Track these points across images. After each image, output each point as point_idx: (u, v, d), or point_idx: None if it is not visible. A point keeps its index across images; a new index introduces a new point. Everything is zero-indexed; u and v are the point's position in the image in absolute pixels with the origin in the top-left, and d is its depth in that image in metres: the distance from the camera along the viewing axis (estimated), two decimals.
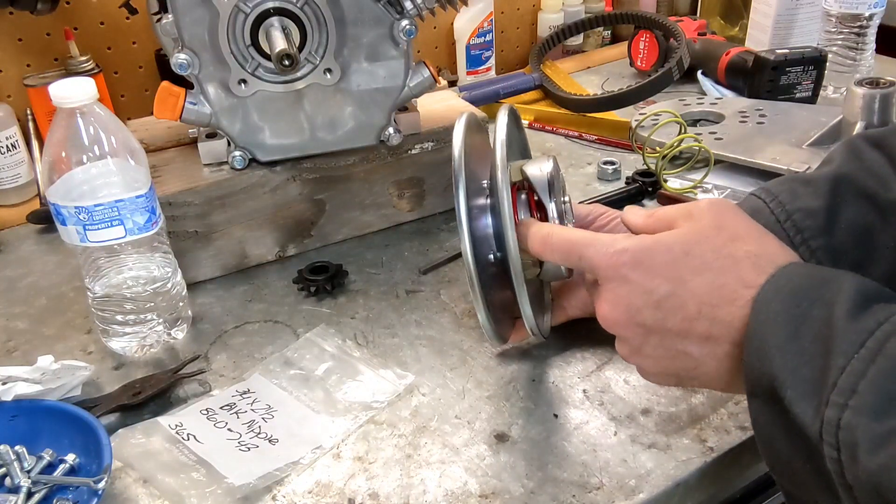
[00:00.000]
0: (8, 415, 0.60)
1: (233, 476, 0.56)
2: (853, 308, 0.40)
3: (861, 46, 1.10)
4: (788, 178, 0.62)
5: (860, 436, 0.37)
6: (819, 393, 0.39)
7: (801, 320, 0.41)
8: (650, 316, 0.48)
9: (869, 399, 0.37)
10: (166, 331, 0.71)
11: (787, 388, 0.40)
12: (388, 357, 0.69)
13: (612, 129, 1.08)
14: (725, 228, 0.48)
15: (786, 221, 0.59)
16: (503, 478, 0.56)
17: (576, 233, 0.54)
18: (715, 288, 0.46)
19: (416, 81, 0.79)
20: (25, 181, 1.00)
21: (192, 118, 0.74)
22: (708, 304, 0.46)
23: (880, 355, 0.37)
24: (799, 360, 0.40)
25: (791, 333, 0.41)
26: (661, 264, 0.48)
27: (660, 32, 1.22)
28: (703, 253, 0.47)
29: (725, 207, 0.50)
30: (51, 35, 1.03)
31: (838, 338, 0.39)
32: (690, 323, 0.47)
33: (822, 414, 0.38)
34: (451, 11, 0.82)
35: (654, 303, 0.48)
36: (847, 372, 0.38)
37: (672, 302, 0.47)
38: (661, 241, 0.48)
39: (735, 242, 0.47)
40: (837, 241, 0.57)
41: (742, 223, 0.49)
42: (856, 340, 0.39)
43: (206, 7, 0.69)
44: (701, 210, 0.49)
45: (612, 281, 0.50)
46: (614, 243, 0.50)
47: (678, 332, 0.47)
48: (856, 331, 0.39)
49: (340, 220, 0.85)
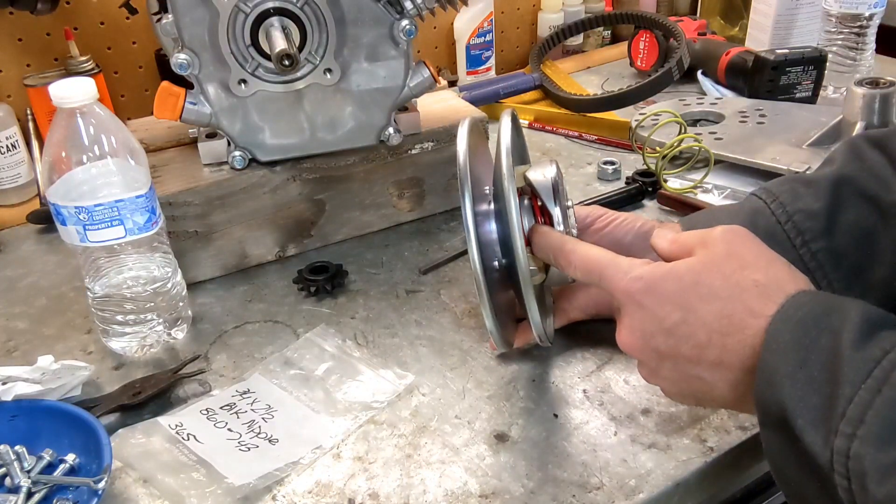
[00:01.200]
0: (8, 415, 0.60)
1: (233, 476, 0.56)
2: (859, 336, 0.41)
3: (861, 46, 1.10)
4: (790, 179, 0.62)
5: (868, 465, 0.37)
6: (828, 422, 0.39)
7: (810, 349, 0.42)
8: (663, 342, 0.49)
9: (875, 429, 0.37)
10: (166, 331, 0.71)
11: (797, 416, 0.41)
12: (388, 357, 0.69)
13: (612, 129, 1.08)
14: (735, 256, 0.49)
15: (786, 223, 0.59)
16: (503, 478, 0.56)
17: (596, 252, 0.55)
18: (723, 316, 0.47)
19: (416, 81, 0.79)
20: (25, 181, 1.00)
21: (192, 118, 0.74)
22: (717, 333, 0.47)
23: (886, 385, 0.38)
24: (808, 389, 0.41)
25: (799, 362, 0.42)
26: (672, 292, 0.49)
27: (660, 32, 1.22)
28: (712, 282, 0.48)
29: (738, 235, 0.51)
30: (51, 35, 1.03)
31: (845, 367, 0.40)
32: (701, 350, 0.48)
33: (831, 443, 0.39)
34: (451, 11, 0.82)
35: (667, 330, 0.49)
36: (855, 402, 0.38)
37: (683, 329, 0.48)
38: (674, 269, 0.50)
39: (743, 271, 0.48)
40: (838, 243, 0.57)
41: (752, 250, 0.49)
42: (862, 370, 0.39)
43: (206, 7, 0.69)
44: (714, 238, 0.50)
45: (629, 307, 0.51)
46: (631, 269, 0.51)
47: (690, 358, 0.49)
48: (862, 360, 0.40)
49: (340, 220, 0.85)
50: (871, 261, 0.58)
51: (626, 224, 0.67)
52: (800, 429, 0.41)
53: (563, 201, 0.60)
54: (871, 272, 0.58)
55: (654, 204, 0.90)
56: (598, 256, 0.54)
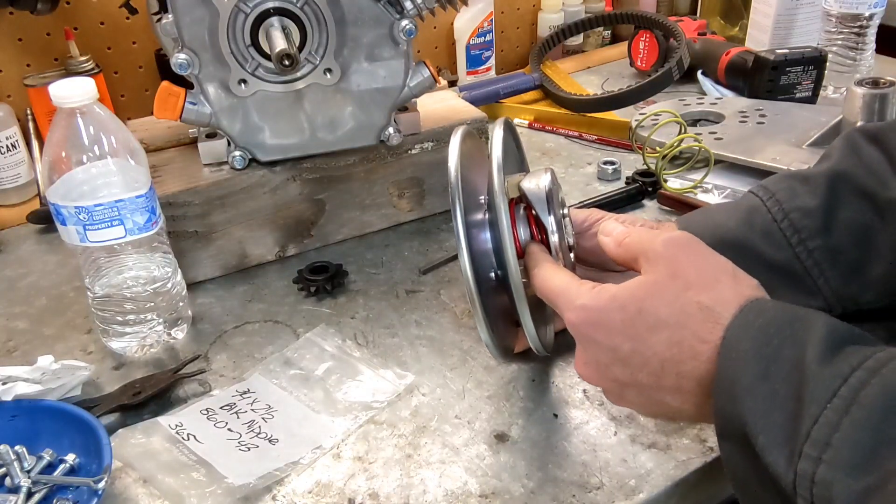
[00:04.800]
0: (8, 415, 0.60)
1: (233, 476, 0.56)
2: (825, 350, 0.38)
3: (861, 46, 1.10)
4: (787, 175, 0.62)
5: (836, 492, 0.35)
6: (792, 442, 0.37)
7: (772, 360, 0.40)
8: (620, 372, 0.48)
9: (844, 454, 0.35)
10: (166, 331, 0.71)
11: (759, 433, 0.39)
12: (388, 357, 0.69)
13: (612, 129, 1.08)
14: (678, 277, 0.46)
15: (782, 221, 0.58)
16: (503, 478, 0.56)
17: (553, 278, 0.53)
18: (673, 344, 0.45)
19: (416, 81, 0.79)
20: (25, 181, 1.00)
21: (192, 118, 0.74)
22: (670, 361, 0.45)
23: (854, 405, 0.36)
24: (770, 404, 0.39)
25: (761, 374, 0.40)
26: (618, 323, 0.47)
27: (660, 32, 1.22)
28: (657, 309, 0.46)
29: (681, 247, 0.48)
30: (51, 35, 1.03)
31: (811, 383, 0.38)
32: (658, 378, 0.46)
33: (794, 465, 0.37)
34: (451, 11, 0.82)
35: (621, 360, 0.47)
36: (820, 422, 0.36)
37: (636, 359, 0.47)
38: (616, 298, 0.48)
39: (687, 292, 0.45)
40: (835, 241, 0.57)
41: (695, 265, 0.47)
42: (829, 387, 0.37)
43: (206, 7, 0.69)
44: (657, 255, 0.48)
45: (579, 337, 0.50)
46: (578, 297, 0.49)
47: (650, 385, 0.47)
48: (829, 376, 0.37)
49: (340, 220, 0.85)
50: (868, 258, 0.57)
51: None
52: (761, 446, 0.39)
53: (558, 210, 0.58)
54: (868, 269, 0.57)
55: (654, 204, 0.90)
56: (553, 283, 0.52)
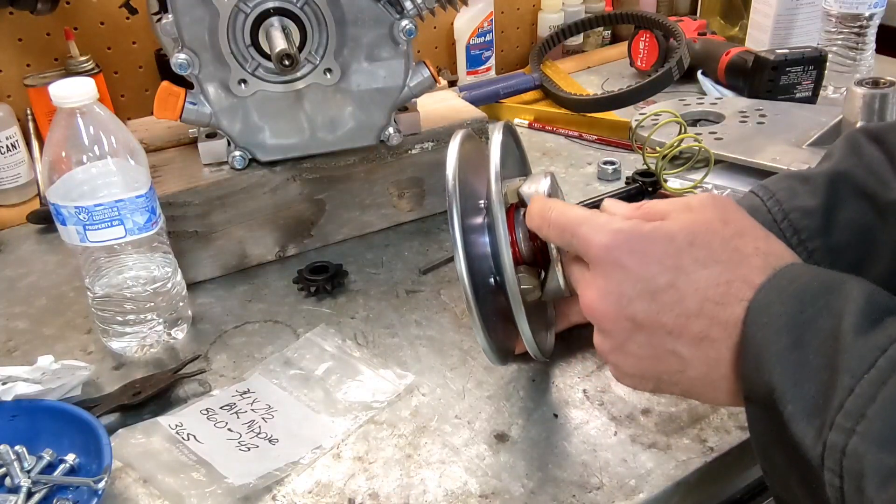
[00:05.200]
0: (8, 415, 0.60)
1: (233, 476, 0.56)
2: (863, 321, 0.37)
3: (861, 46, 1.10)
4: (788, 175, 0.62)
5: (867, 466, 0.34)
6: (822, 413, 0.36)
7: (805, 328, 0.38)
8: (642, 309, 0.44)
9: (879, 426, 0.34)
10: (166, 331, 0.71)
11: (788, 402, 0.37)
12: (388, 357, 0.69)
13: (612, 129, 1.08)
14: (731, 223, 0.44)
15: (783, 221, 0.58)
16: (503, 478, 0.56)
17: (575, 209, 0.49)
18: (721, 283, 0.42)
19: (416, 81, 0.79)
20: (25, 181, 1.00)
21: (192, 118, 0.74)
22: (711, 301, 0.42)
23: (893, 377, 0.34)
24: (801, 374, 0.37)
25: (793, 343, 0.38)
26: (662, 252, 0.43)
27: (660, 32, 1.22)
28: (711, 243, 0.43)
29: (727, 202, 0.47)
30: (51, 35, 1.03)
31: (846, 353, 0.36)
32: (687, 320, 0.43)
33: (824, 437, 0.36)
34: (451, 11, 0.82)
35: (650, 294, 0.43)
36: (856, 394, 0.35)
37: (670, 295, 0.43)
38: (663, 227, 0.44)
39: (743, 237, 0.43)
40: (835, 241, 0.57)
41: (747, 220, 0.46)
42: (866, 358, 0.35)
43: (206, 7, 0.69)
44: (702, 203, 0.46)
45: (604, 265, 0.45)
46: (611, 223, 0.46)
47: (671, 330, 0.43)
48: (866, 347, 0.36)
49: (340, 220, 0.85)
50: (868, 258, 0.57)
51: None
52: (789, 415, 0.37)
53: None
54: (868, 270, 0.57)
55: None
56: (576, 213, 0.48)
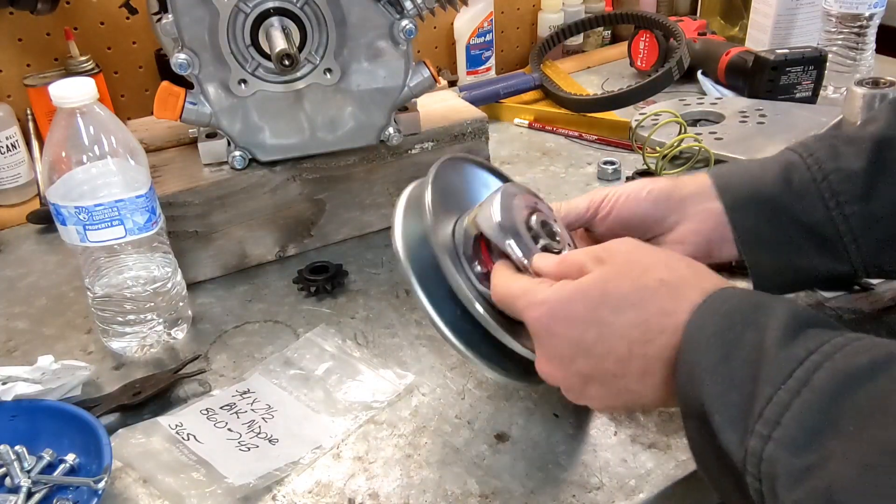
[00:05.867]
0: (8, 415, 0.60)
1: (233, 476, 0.56)
2: (785, 334, 0.39)
3: (861, 46, 1.10)
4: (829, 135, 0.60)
5: (780, 470, 0.36)
6: (745, 421, 0.38)
7: (733, 344, 0.41)
8: (584, 364, 0.47)
9: (791, 432, 0.36)
10: (166, 331, 0.71)
11: (715, 412, 0.40)
12: (388, 357, 0.69)
13: (612, 129, 1.08)
14: (635, 262, 0.47)
15: (822, 182, 0.56)
16: (503, 478, 0.56)
17: (509, 283, 0.51)
18: (639, 323, 0.45)
19: (416, 81, 0.79)
20: (25, 181, 1.00)
21: (192, 118, 0.74)
22: (637, 342, 0.45)
23: (806, 387, 0.37)
24: (727, 386, 0.40)
25: (722, 357, 0.41)
26: (582, 311, 0.47)
27: (660, 32, 1.22)
28: (619, 290, 0.46)
29: (632, 244, 0.49)
30: (51, 35, 1.03)
31: (767, 365, 0.39)
32: (624, 363, 0.46)
33: (746, 444, 0.38)
34: (451, 11, 0.82)
35: (584, 351, 0.47)
36: (773, 402, 0.37)
37: (601, 347, 0.46)
38: (578, 287, 0.47)
39: (647, 273, 0.46)
40: (874, 209, 0.55)
41: (649, 254, 0.48)
42: (784, 369, 0.38)
43: (206, 7, 0.69)
44: (609, 252, 0.49)
45: (541, 335, 0.49)
46: (536, 294, 0.49)
47: (615, 373, 0.47)
48: (786, 359, 0.38)
49: (340, 220, 0.85)
50: None
51: (630, 200, 0.62)
52: (717, 425, 0.40)
53: (522, 231, 0.54)
54: None
55: None
56: (509, 288, 0.51)
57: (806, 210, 0.58)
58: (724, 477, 0.42)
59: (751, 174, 0.61)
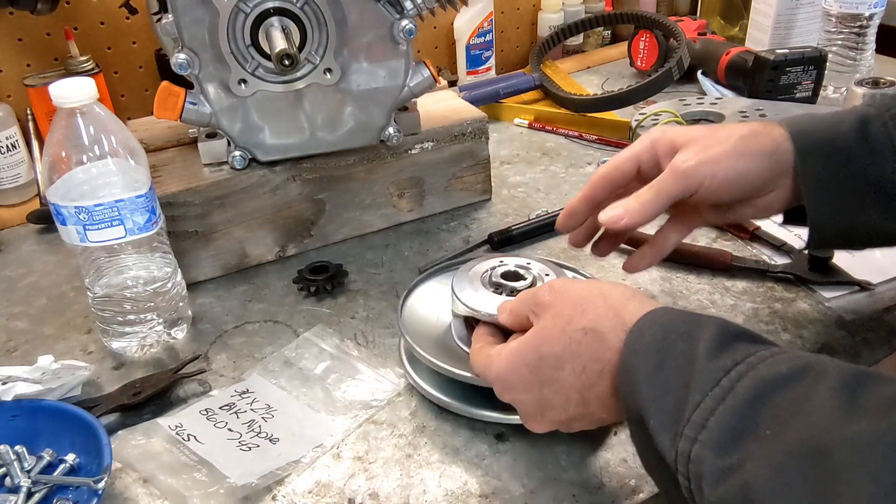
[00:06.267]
0: (8, 415, 0.60)
1: (235, 476, 0.56)
2: (714, 346, 0.42)
3: (861, 46, 1.10)
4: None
5: (705, 469, 0.39)
6: (676, 425, 0.41)
7: (667, 353, 0.44)
8: (553, 414, 0.51)
9: (716, 435, 0.39)
10: (166, 331, 0.71)
11: (651, 417, 0.43)
12: (388, 357, 0.69)
13: (612, 129, 1.08)
14: (560, 315, 0.51)
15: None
16: (503, 478, 0.56)
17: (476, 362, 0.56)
18: (578, 374, 0.49)
19: (416, 81, 0.79)
20: (25, 181, 1.00)
21: (192, 118, 0.74)
22: (586, 387, 0.49)
23: (731, 394, 0.40)
24: (661, 392, 0.43)
25: (656, 366, 0.44)
26: (528, 375, 0.51)
27: (660, 32, 1.22)
28: (552, 351, 0.50)
29: (558, 291, 0.52)
30: (51, 35, 1.03)
31: (697, 373, 0.42)
32: (584, 405, 0.50)
33: (676, 445, 0.41)
34: (451, 11, 0.82)
35: (548, 405, 0.51)
36: (700, 408, 0.40)
37: (559, 398, 0.50)
38: (518, 354, 0.52)
39: (570, 325, 0.50)
40: None
41: (571, 301, 0.51)
42: (712, 377, 0.41)
43: (206, 7, 0.69)
44: (540, 306, 0.52)
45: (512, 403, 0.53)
46: (490, 367, 0.53)
47: (583, 412, 0.51)
48: (714, 368, 0.41)
49: (340, 220, 0.85)
50: None
51: (628, 163, 0.61)
52: (653, 429, 0.43)
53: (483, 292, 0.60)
54: None
55: None
56: (475, 364, 0.56)
57: (876, 165, 0.57)
58: (663, 476, 0.44)
59: (825, 123, 0.60)
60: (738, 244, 0.81)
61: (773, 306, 0.72)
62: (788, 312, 0.71)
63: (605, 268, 0.79)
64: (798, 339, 0.67)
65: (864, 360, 0.65)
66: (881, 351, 0.66)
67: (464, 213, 0.91)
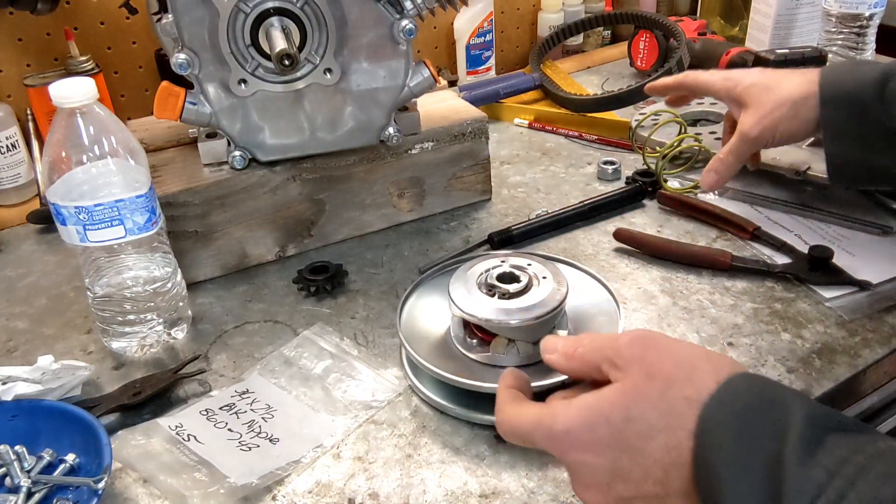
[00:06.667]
0: (8, 415, 0.60)
1: (235, 476, 0.56)
2: (803, 447, 0.38)
3: (861, 46, 1.10)
4: None
5: None
6: None
7: (752, 453, 0.39)
8: (624, 489, 0.45)
9: None
10: (166, 331, 0.71)
11: None
12: (388, 357, 0.69)
13: (612, 129, 1.08)
14: (656, 376, 0.44)
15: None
16: (503, 478, 0.56)
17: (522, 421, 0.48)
18: (671, 448, 0.43)
19: (416, 81, 0.79)
20: (25, 181, 1.00)
21: (192, 118, 0.74)
22: (672, 465, 0.43)
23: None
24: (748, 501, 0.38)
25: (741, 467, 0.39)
26: (607, 437, 0.44)
27: (660, 32, 1.22)
28: (645, 415, 0.43)
29: (647, 347, 0.46)
30: (51, 35, 1.03)
31: (787, 486, 0.37)
32: (665, 485, 0.43)
33: None
34: (451, 11, 0.82)
35: (621, 477, 0.44)
36: None
37: (638, 472, 0.44)
38: (597, 411, 0.44)
39: (670, 390, 0.43)
40: None
41: (669, 361, 0.45)
42: (806, 494, 0.37)
43: (206, 7, 0.69)
44: (625, 359, 0.45)
45: (569, 465, 0.46)
46: (554, 423, 0.45)
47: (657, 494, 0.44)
48: (807, 480, 0.37)
49: (340, 220, 0.85)
50: None
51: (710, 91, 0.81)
52: None
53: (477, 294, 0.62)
54: None
55: (654, 204, 0.90)
56: (519, 423, 0.47)
57: (891, 115, 0.66)
58: None
59: (854, 74, 0.70)
60: (738, 244, 0.81)
61: (773, 306, 0.72)
62: (788, 312, 0.71)
63: (605, 268, 0.79)
64: (798, 339, 0.67)
65: (864, 360, 0.65)
66: (881, 351, 0.66)
67: (464, 213, 0.91)
